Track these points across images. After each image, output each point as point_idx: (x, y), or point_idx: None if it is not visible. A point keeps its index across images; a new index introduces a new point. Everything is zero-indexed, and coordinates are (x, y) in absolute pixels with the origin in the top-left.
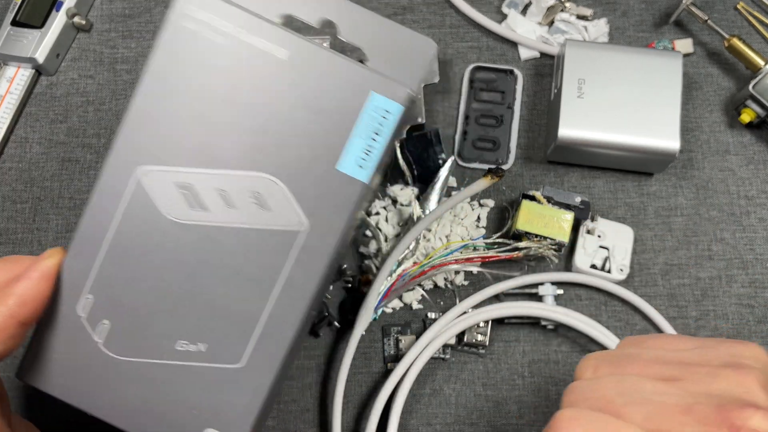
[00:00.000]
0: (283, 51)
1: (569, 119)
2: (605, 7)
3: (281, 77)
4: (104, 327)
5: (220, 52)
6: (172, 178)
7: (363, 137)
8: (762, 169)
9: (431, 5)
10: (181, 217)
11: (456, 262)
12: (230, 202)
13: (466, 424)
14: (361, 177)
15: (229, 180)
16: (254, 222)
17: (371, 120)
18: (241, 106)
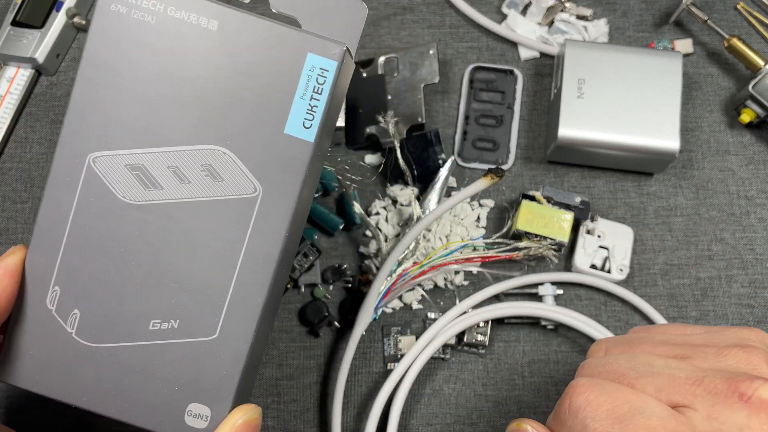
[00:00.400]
0: (213, 22)
1: (569, 119)
2: (605, 8)
3: (215, 48)
4: (75, 317)
5: (152, 30)
6: (123, 161)
7: (305, 98)
8: (762, 169)
9: (431, 5)
10: (136, 198)
11: (456, 262)
12: (183, 177)
13: (466, 424)
14: (308, 137)
15: (179, 156)
16: (209, 194)
17: (310, 80)
18: (180, 81)
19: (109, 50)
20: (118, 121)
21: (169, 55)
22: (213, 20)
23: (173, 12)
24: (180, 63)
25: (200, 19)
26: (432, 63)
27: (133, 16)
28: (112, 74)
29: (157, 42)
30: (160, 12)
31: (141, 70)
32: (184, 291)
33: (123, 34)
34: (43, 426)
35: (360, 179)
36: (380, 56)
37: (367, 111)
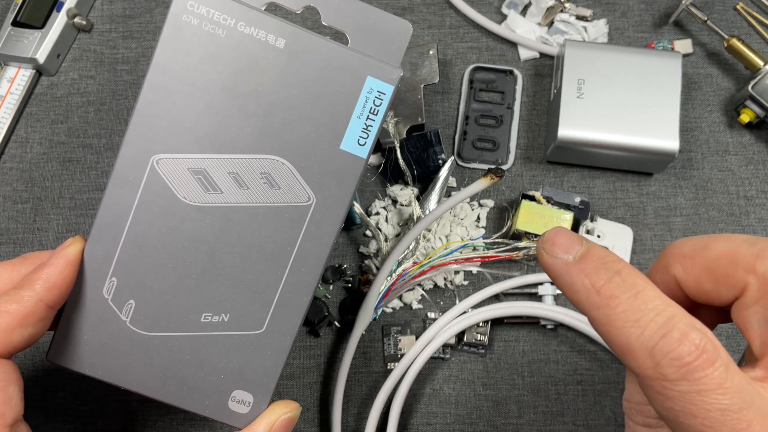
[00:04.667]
0: (281, 40)
1: (569, 119)
2: (605, 8)
3: (280, 65)
4: (130, 306)
5: (221, 43)
6: (186, 164)
7: (361, 118)
8: (761, 169)
9: (431, 6)
10: (196, 200)
11: (456, 262)
12: (242, 183)
13: (466, 423)
14: (361, 154)
15: (240, 163)
16: (266, 200)
17: (368, 102)
18: (246, 93)
19: (179, 59)
20: (183, 127)
21: (236, 68)
22: (281, 38)
23: (243, 27)
24: (247, 76)
25: (269, 36)
26: (432, 63)
27: (204, 28)
28: (180, 82)
29: (226, 55)
30: (230, 26)
31: (209, 81)
32: (236, 288)
33: (193, 45)
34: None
35: None
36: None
37: None
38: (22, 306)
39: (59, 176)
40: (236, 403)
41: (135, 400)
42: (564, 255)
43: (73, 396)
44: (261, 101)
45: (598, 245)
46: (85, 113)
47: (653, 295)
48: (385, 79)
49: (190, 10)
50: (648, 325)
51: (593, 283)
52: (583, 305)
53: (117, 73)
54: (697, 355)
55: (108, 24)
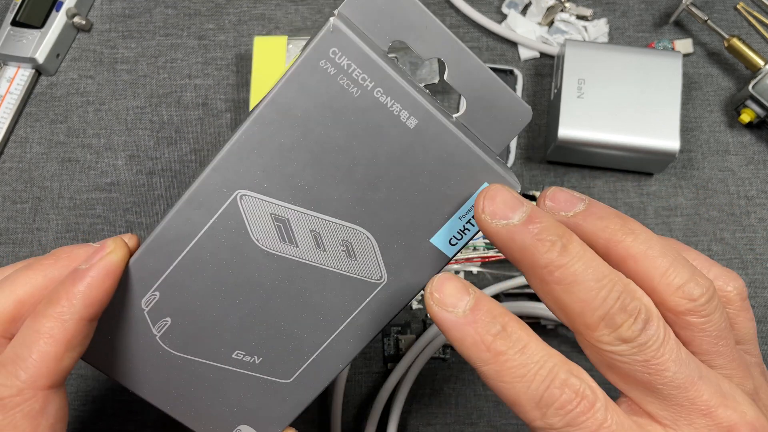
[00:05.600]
0: (412, 120)
1: (569, 119)
2: (605, 8)
3: (403, 144)
4: (165, 323)
5: (352, 102)
6: (270, 209)
7: (462, 220)
8: (762, 169)
9: (431, 5)
10: (269, 246)
11: (456, 262)
12: (321, 244)
13: (466, 423)
14: (448, 252)
15: (326, 225)
16: (338, 267)
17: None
18: (357, 159)
19: (300, 103)
20: (281, 172)
21: (357, 132)
22: (413, 118)
23: (379, 94)
24: (365, 144)
25: (402, 112)
26: (432, 63)
27: (338, 81)
28: (293, 126)
29: (352, 116)
30: (366, 88)
31: (324, 135)
32: (277, 336)
33: (321, 94)
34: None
35: None
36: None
37: None
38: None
39: (58, 176)
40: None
41: (135, 402)
42: (453, 309)
43: (73, 396)
44: (370, 172)
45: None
46: (84, 113)
47: (537, 348)
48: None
49: (330, 57)
50: (533, 379)
51: (482, 339)
52: (474, 361)
53: (116, 73)
54: (578, 401)
55: (107, 24)
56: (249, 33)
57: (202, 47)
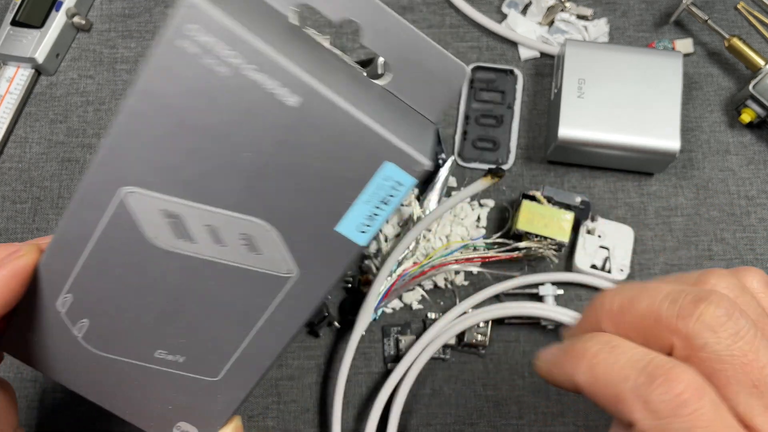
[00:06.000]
0: (295, 98)
1: (569, 119)
2: (605, 7)
3: (289, 125)
4: (83, 325)
5: (222, 84)
6: (159, 205)
7: (369, 204)
8: (762, 169)
9: (431, 5)
10: (165, 244)
11: (456, 262)
12: (219, 239)
13: (466, 424)
14: (359, 241)
15: (221, 218)
16: (242, 262)
17: (380, 189)
18: (242, 147)
19: (168, 89)
20: (162, 165)
21: (235, 116)
22: (296, 96)
23: (252, 73)
24: (245, 129)
25: (283, 90)
26: None
27: (202, 62)
28: (166, 115)
29: (225, 99)
30: (236, 66)
31: (199, 122)
32: (196, 336)
33: (187, 78)
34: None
35: None
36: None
37: None
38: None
39: (58, 176)
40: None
41: None
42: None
43: (72, 396)
44: (256, 159)
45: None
46: (84, 113)
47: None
48: (406, 168)
49: (188, 36)
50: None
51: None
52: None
53: (116, 73)
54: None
55: (107, 23)
56: None
57: None
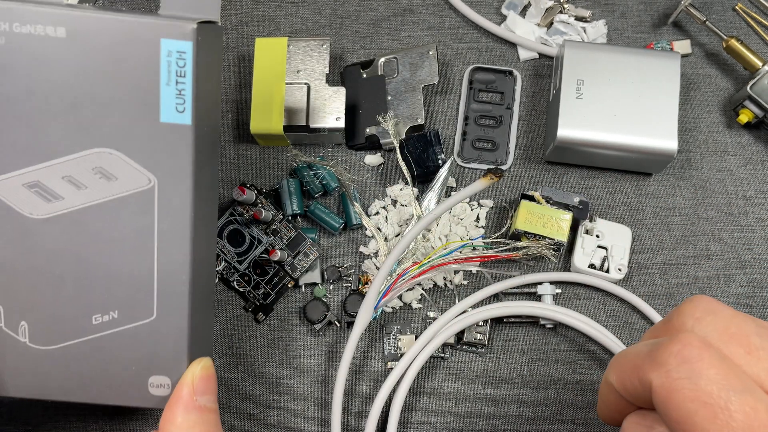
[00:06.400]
0: (60, 29)
1: (568, 120)
2: (604, 9)
3: (69, 54)
4: (24, 327)
5: (4, 50)
6: (18, 181)
7: (170, 84)
8: (760, 169)
9: (431, 6)
10: (42, 212)
11: (455, 262)
12: (79, 184)
13: (466, 422)
14: (184, 120)
15: (69, 165)
16: (108, 194)
17: (171, 66)
18: (46, 94)
19: None
20: (2, 145)
21: (27, 71)
22: (60, 27)
23: (19, 28)
24: (41, 76)
25: (47, 28)
26: (432, 64)
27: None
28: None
29: (13, 61)
30: (7, 31)
31: (6, 92)
32: (114, 284)
33: None
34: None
35: (360, 179)
36: (380, 57)
37: (367, 111)
38: None
39: None
40: (156, 388)
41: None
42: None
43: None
44: (63, 97)
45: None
46: None
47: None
48: (180, 36)
49: None
50: None
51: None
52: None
53: None
54: None
55: None
56: (250, 34)
57: None
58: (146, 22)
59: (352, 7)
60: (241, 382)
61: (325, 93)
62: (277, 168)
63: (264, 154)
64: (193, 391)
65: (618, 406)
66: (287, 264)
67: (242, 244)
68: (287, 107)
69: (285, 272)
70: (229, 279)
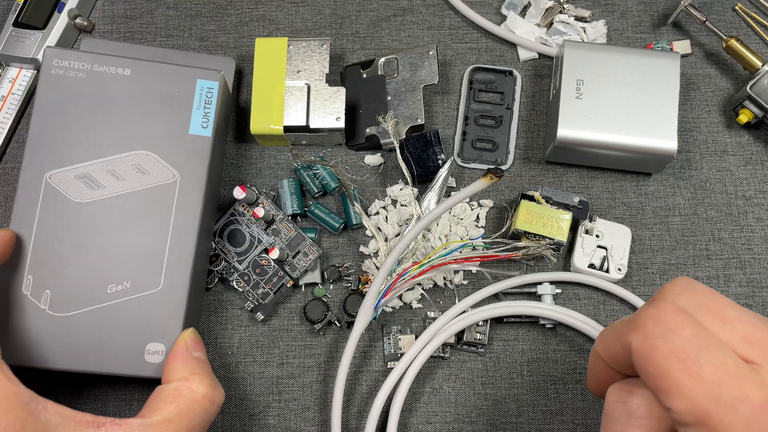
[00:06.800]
0: (127, 70)
1: (568, 120)
2: (603, 9)
3: (131, 86)
4: (47, 295)
5: (84, 81)
6: (73, 173)
7: (200, 108)
8: (759, 169)
9: (431, 6)
10: (85, 198)
11: (455, 262)
12: (119, 176)
13: (466, 422)
14: (206, 133)
15: (115, 162)
16: (141, 184)
17: (202, 96)
18: (109, 110)
19: (55, 98)
20: (66, 145)
21: (99, 93)
22: (127, 68)
23: (97, 68)
24: (108, 98)
25: (117, 69)
26: (432, 64)
27: (69, 75)
28: (58, 114)
29: (89, 87)
30: (87, 69)
31: (80, 107)
32: (132, 258)
33: (63, 87)
34: None
35: (360, 179)
36: (380, 57)
37: (367, 111)
38: None
39: None
40: (151, 355)
41: (135, 400)
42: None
43: (73, 396)
44: (121, 113)
45: None
46: None
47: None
48: (210, 78)
49: (56, 65)
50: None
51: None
52: None
53: None
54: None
55: (109, 25)
56: (250, 34)
57: (203, 48)
58: (189, 70)
59: (352, 7)
60: (241, 382)
61: (325, 93)
62: (277, 168)
63: (264, 154)
64: (187, 348)
65: (604, 374)
66: (287, 264)
67: (242, 243)
68: (287, 107)
69: (285, 272)
70: (229, 279)
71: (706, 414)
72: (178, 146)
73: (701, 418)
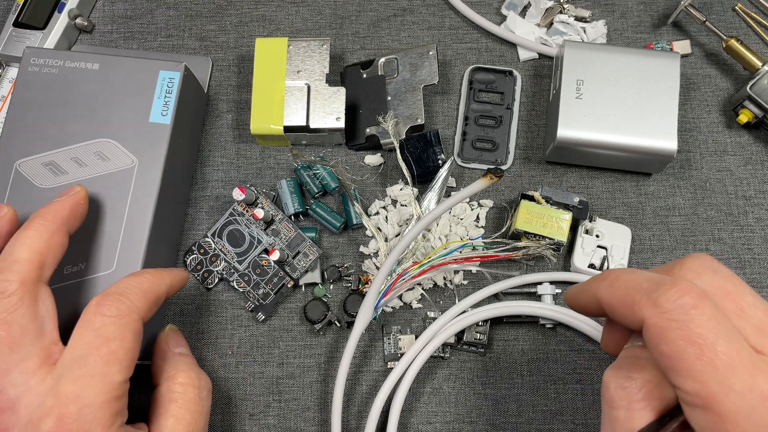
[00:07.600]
0: (96, 64)
1: (568, 120)
2: (603, 9)
3: (99, 79)
4: None
5: (56, 77)
6: (39, 161)
7: (161, 97)
8: (759, 169)
9: (431, 7)
10: (50, 183)
11: (455, 262)
12: (82, 163)
13: (466, 422)
14: (165, 121)
15: (78, 150)
16: (101, 170)
17: (163, 86)
18: (77, 102)
19: (29, 94)
20: (36, 136)
21: (69, 87)
22: (96, 63)
23: (69, 64)
24: (77, 91)
25: (87, 64)
26: (432, 64)
27: (43, 71)
28: (31, 108)
29: (61, 83)
30: (61, 65)
31: (51, 101)
32: (88, 240)
33: (38, 82)
34: None
35: (360, 179)
36: (380, 57)
37: (367, 111)
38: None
39: None
40: None
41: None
42: None
43: None
44: (88, 104)
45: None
46: None
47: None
48: (172, 69)
49: (33, 63)
50: None
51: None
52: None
53: None
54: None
55: (109, 25)
56: (250, 34)
57: (203, 48)
58: (153, 61)
59: (352, 7)
60: (241, 382)
61: (325, 93)
62: (277, 168)
63: (264, 154)
64: (168, 345)
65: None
66: (287, 264)
67: (242, 244)
68: (287, 107)
69: (285, 272)
70: (229, 279)
71: (714, 400)
72: (137, 133)
73: (709, 402)
